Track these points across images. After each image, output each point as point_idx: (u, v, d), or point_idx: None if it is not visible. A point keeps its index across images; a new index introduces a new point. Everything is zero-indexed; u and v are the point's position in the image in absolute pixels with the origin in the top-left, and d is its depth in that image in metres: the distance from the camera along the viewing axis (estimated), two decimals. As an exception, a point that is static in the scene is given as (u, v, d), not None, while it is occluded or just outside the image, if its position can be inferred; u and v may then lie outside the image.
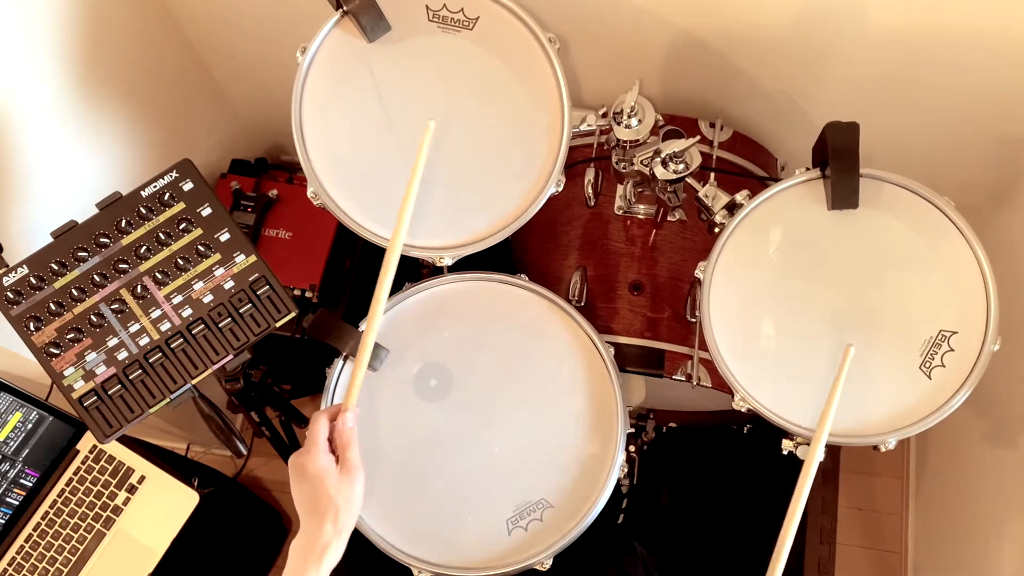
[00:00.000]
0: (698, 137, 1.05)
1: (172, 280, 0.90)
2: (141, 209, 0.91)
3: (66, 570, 1.19)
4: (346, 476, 0.83)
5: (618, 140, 1.06)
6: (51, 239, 0.90)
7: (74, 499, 1.22)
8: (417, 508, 0.98)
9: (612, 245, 1.24)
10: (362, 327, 1.05)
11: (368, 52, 1.03)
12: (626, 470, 1.02)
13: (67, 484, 1.23)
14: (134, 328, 0.89)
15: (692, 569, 1.69)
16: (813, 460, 0.88)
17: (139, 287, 0.90)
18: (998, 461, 1.38)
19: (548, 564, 0.96)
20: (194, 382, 0.90)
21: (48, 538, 1.20)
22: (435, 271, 1.07)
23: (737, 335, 0.96)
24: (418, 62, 1.03)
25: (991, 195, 1.38)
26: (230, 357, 0.91)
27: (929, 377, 0.92)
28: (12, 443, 1.20)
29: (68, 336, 0.88)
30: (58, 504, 1.22)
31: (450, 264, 1.02)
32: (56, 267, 0.89)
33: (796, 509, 0.86)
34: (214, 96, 1.57)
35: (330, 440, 0.86)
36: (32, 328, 0.88)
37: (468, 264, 1.05)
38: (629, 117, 1.04)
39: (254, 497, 1.73)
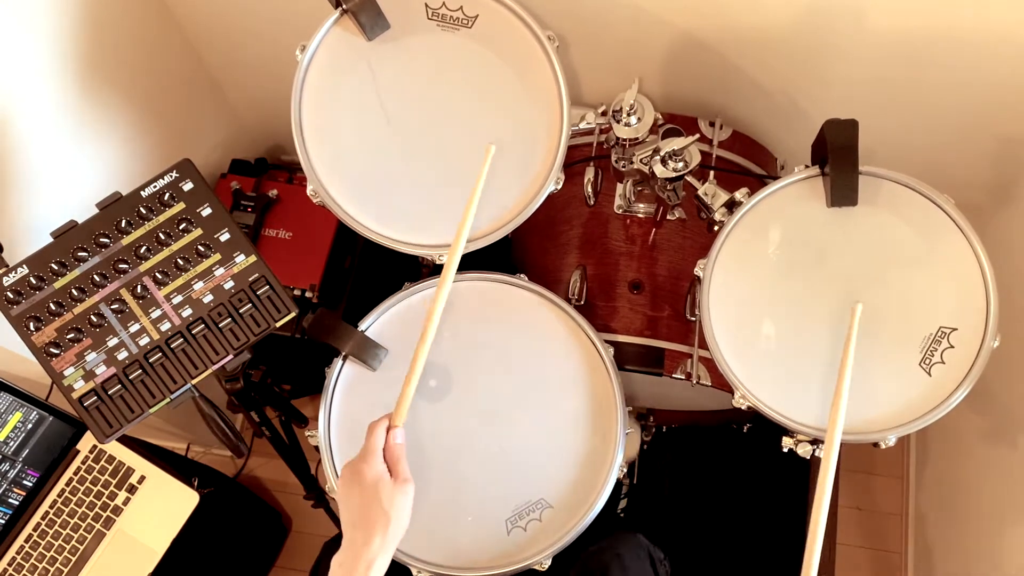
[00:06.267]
0: (697, 135, 1.05)
1: (172, 280, 0.90)
2: (141, 209, 0.91)
3: (66, 570, 1.19)
4: (400, 486, 0.82)
5: (617, 138, 1.06)
6: (51, 239, 0.90)
7: (74, 499, 1.22)
8: (416, 508, 0.97)
9: (612, 244, 1.24)
10: (362, 327, 1.05)
11: (367, 50, 1.03)
12: (626, 470, 1.02)
13: (67, 484, 1.23)
14: (134, 328, 0.89)
15: (692, 568, 1.69)
16: (833, 449, 0.86)
17: (139, 287, 0.90)
18: (998, 460, 1.38)
19: (547, 564, 0.96)
20: (194, 382, 0.90)
21: (48, 538, 1.20)
22: (435, 270, 1.07)
23: (737, 333, 0.96)
24: (417, 60, 1.03)
25: (990, 193, 1.38)
26: (230, 357, 0.91)
27: (929, 374, 0.92)
28: (12, 443, 1.20)
29: (68, 336, 0.88)
30: (58, 504, 1.22)
31: (450, 263, 1.02)
32: (56, 267, 0.89)
33: (822, 506, 0.85)
34: (214, 96, 1.57)
35: None
36: (32, 328, 0.88)
37: (468, 263, 1.05)
38: (628, 115, 1.04)
39: (254, 497, 1.73)
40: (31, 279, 0.88)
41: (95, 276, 0.89)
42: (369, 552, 0.78)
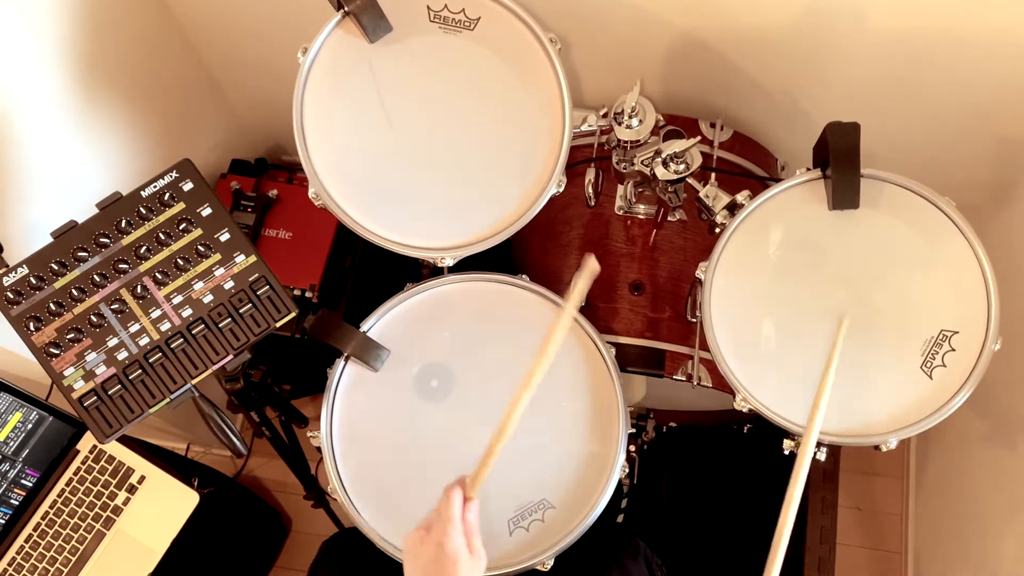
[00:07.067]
0: (699, 137, 1.05)
1: (172, 280, 0.90)
2: (141, 209, 0.91)
3: (66, 570, 1.19)
4: (476, 562, 0.80)
5: (619, 140, 1.06)
6: (51, 239, 0.90)
7: (74, 499, 1.22)
8: (418, 508, 0.98)
9: (613, 245, 1.24)
10: (364, 328, 1.05)
11: (369, 52, 1.03)
12: (627, 470, 1.02)
13: (67, 484, 1.23)
14: (134, 328, 0.89)
15: (692, 569, 1.69)
16: (806, 454, 0.86)
17: (139, 287, 0.89)
18: (998, 461, 1.38)
19: (549, 564, 0.96)
20: (194, 382, 0.90)
21: (48, 538, 1.20)
22: (436, 271, 1.07)
23: (738, 335, 0.96)
24: (419, 62, 1.03)
25: (992, 195, 1.38)
26: (230, 357, 0.91)
27: (930, 377, 0.92)
28: (12, 443, 1.20)
29: (68, 336, 0.88)
30: (58, 504, 1.22)
31: (451, 265, 1.02)
32: (56, 267, 0.88)
33: (791, 505, 0.84)
34: (214, 96, 1.57)
35: None
36: (32, 328, 0.88)
37: (469, 264, 1.05)
38: (630, 117, 1.04)
39: (254, 497, 1.73)
40: (31, 279, 0.88)
41: (95, 276, 0.89)
42: None
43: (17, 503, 1.20)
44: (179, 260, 0.90)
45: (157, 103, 1.40)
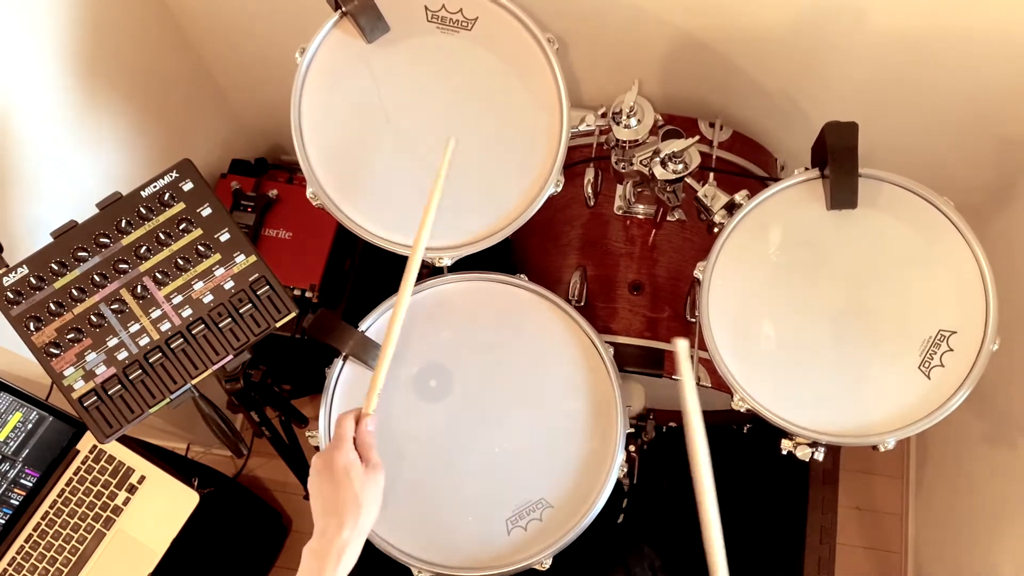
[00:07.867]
0: (697, 137, 1.05)
1: (172, 280, 0.90)
2: (141, 209, 0.91)
3: (66, 570, 1.19)
4: (371, 474, 0.83)
5: (617, 140, 1.06)
6: (51, 239, 0.90)
7: (74, 499, 1.22)
8: (416, 508, 0.98)
9: (612, 245, 1.24)
10: (362, 327, 1.05)
11: (367, 53, 1.03)
12: (626, 470, 1.02)
13: (67, 484, 1.23)
14: (134, 328, 0.89)
15: (692, 568, 1.69)
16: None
17: (139, 287, 0.90)
18: (997, 461, 1.38)
19: (547, 564, 0.96)
20: (194, 382, 0.90)
21: (48, 538, 1.20)
22: (435, 271, 1.07)
23: (736, 335, 0.96)
24: (417, 63, 1.03)
25: (990, 195, 1.38)
26: (230, 357, 0.91)
27: (928, 377, 0.92)
28: (12, 443, 1.20)
29: (68, 336, 0.88)
30: (58, 504, 1.22)
31: (449, 264, 1.02)
32: (56, 267, 0.89)
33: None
34: (214, 96, 1.57)
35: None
36: (32, 328, 0.88)
37: (468, 264, 1.05)
38: (628, 117, 1.04)
39: (254, 497, 1.73)
40: (31, 279, 0.88)
41: (95, 276, 0.89)
42: (340, 539, 0.78)
43: (17, 503, 1.21)
44: (179, 260, 0.91)
45: (157, 103, 1.40)
